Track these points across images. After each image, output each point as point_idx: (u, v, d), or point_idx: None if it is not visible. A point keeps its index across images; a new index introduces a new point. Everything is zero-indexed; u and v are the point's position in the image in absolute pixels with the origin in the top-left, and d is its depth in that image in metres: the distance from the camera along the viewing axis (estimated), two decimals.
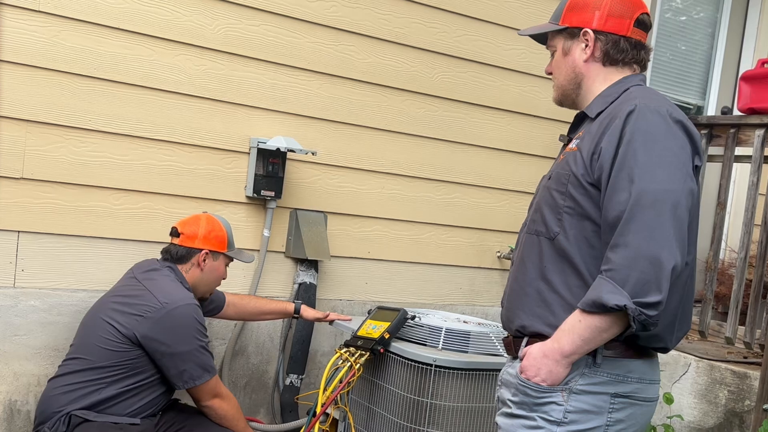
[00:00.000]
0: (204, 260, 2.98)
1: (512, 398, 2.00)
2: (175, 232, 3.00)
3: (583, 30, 2.06)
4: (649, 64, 4.91)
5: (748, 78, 3.94)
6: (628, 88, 2.03)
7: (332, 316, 3.32)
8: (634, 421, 1.97)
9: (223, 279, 3.10)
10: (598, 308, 1.83)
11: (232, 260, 3.12)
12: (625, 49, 2.06)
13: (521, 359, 1.99)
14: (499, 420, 2.05)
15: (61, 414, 2.73)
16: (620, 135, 1.89)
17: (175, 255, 2.98)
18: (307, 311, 3.33)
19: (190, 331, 2.79)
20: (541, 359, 1.92)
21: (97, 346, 2.79)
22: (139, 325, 2.75)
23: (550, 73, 2.17)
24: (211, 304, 3.20)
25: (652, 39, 4.85)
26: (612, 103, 2.01)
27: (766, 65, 3.91)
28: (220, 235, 3.02)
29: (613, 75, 2.08)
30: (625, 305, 1.79)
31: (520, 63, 4.14)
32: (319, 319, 3.33)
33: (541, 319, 1.98)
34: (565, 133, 2.21)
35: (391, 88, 3.82)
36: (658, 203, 1.82)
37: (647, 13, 2.09)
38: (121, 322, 2.77)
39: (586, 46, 2.06)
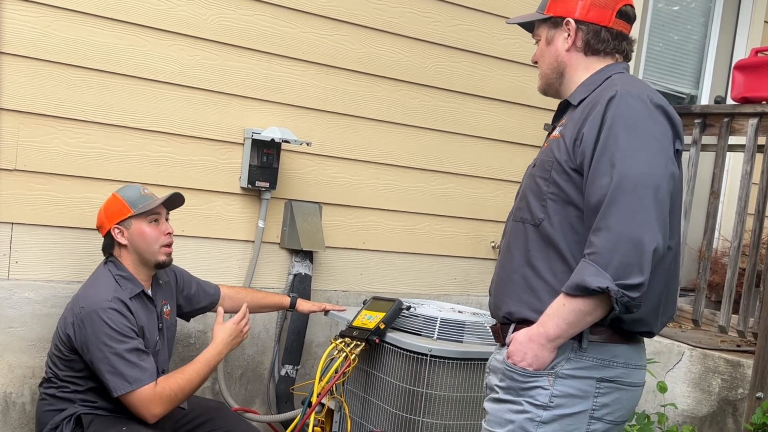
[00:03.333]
0: (121, 235, 2.80)
1: (499, 384, 2.02)
2: (97, 229, 2.90)
3: (566, 19, 2.09)
4: (642, 55, 4.91)
5: (741, 67, 3.94)
6: (610, 76, 2.06)
7: (327, 307, 3.32)
8: (619, 405, 2.00)
9: (167, 235, 2.84)
10: (581, 291, 1.85)
11: (153, 216, 2.83)
12: (606, 39, 2.09)
13: (508, 345, 2.01)
14: (487, 405, 2.07)
15: (54, 423, 2.74)
16: (602, 120, 1.92)
17: (104, 248, 2.87)
18: (302, 305, 3.31)
19: (100, 336, 2.63)
20: (526, 344, 1.95)
21: (54, 353, 2.79)
22: (68, 333, 2.71)
23: (536, 62, 2.20)
24: (207, 299, 3.17)
25: (646, 29, 4.85)
26: (594, 90, 2.04)
27: (759, 54, 3.91)
28: (117, 204, 2.83)
29: (595, 64, 2.11)
30: (607, 287, 1.82)
31: (515, 53, 4.14)
32: (314, 312, 3.33)
33: (528, 305, 2.01)
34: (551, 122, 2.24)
35: (385, 79, 3.81)
36: (639, 187, 1.85)
37: (631, 5, 2.13)
38: (61, 327, 2.76)
39: (568, 35, 2.10)
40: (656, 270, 1.86)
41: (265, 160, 3.48)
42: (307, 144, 3.52)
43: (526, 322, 1.99)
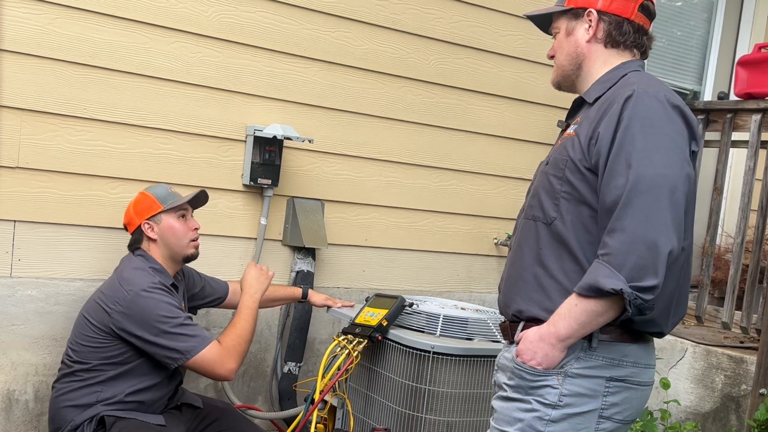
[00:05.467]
0: (151, 230, 2.89)
1: (508, 382, 2.02)
2: (124, 226, 2.98)
3: (588, 10, 2.08)
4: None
5: (744, 63, 3.94)
6: (626, 74, 2.05)
7: (339, 302, 3.34)
8: (629, 404, 1.99)
9: (194, 230, 2.96)
10: (594, 292, 1.84)
11: (181, 211, 2.94)
12: (628, 32, 2.08)
13: (517, 343, 2.00)
14: (495, 403, 2.06)
15: (75, 424, 2.75)
16: (618, 120, 1.90)
17: (132, 243, 2.93)
18: (314, 296, 3.36)
19: (158, 311, 2.72)
20: (537, 343, 1.94)
21: (80, 344, 2.79)
22: (113, 319, 2.74)
23: (552, 57, 2.18)
24: (213, 294, 3.19)
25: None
26: (610, 88, 2.02)
27: (763, 50, 3.90)
28: (147, 200, 2.92)
29: (614, 58, 2.09)
30: (621, 289, 1.80)
31: (517, 49, 4.13)
32: (326, 305, 3.34)
33: (538, 303, 1.99)
34: (562, 119, 2.22)
35: (388, 75, 3.81)
36: (655, 188, 1.83)
37: (652, 2, 2.11)
38: (96, 317, 2.77)
39: (589, 26, 2.08)
40: (669, 271, 1.84)
41: (268, 157, 3.47)
42: (309, 141, 3.51)
43: (536, 321, 1.98)
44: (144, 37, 3.20)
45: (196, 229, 2.98)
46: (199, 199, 3.03)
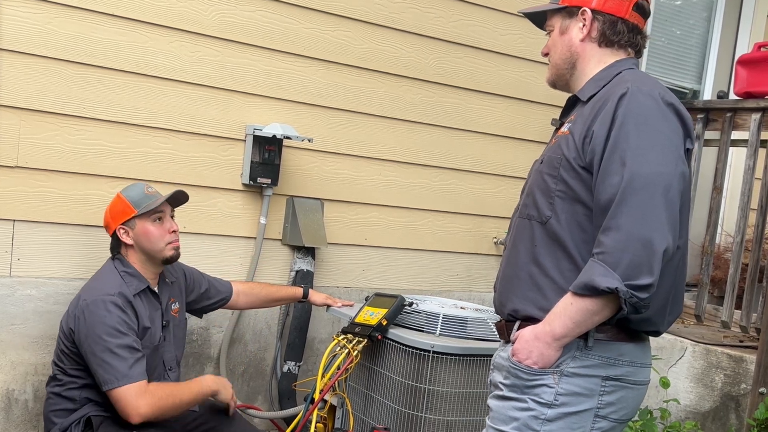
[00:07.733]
0: (126, 235, 2.80)
1: (504, 381, 2.02)
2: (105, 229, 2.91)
3: (582, 9, 2.07)
4: (645, 50, 4.93)
5: (744, 62, 3.94)
6: (620, 72, 2.04)
7: (339, 301, 3.33)
8: (625, 404, 1.99)
9: (172, 233, 2.82)
10: (589, 291, 1.84)
11: (157, 214, 2.81)
12: (622, 31, 2.07)
13: (513, 343, 2.00)
14: (491, 402, 2.06)
15: (63, 426, 2.73)
16: (612, 118, 1.90)
17: (111, 248, 2.87)
18: (315, 296, 3.34)
19: (96, 329, 2.63)
20: (532, 342, 1.94)
21: (59, 349, 2.78)
22: (71, 327, 2.71)
23: (546, 54, 2.18)
24: (217, 295, 3.17)
25: (648, 24, 4.84)
26: (604, 86, 2.02)
27: (762, 49, 3.90)
28: (121, 204, 2.82)
29: (608, 57, 2.08)
30: (616, 288, 1.80)
31: (517, 48, 4.13)
32: (326, 304, 3.33)
33: (533, 302, 1.99)
34: (557, 118, 2.22)
35: (387, 74, 3.80)
36: (650, 186, 1.83)
37: (647, 0, 2.11)
38: (63, 324, 2.76)
39: (583, 25, 2.08)
40: (665, 269, 1.85)
41: (267, 156, 3.47)
42: (309, 140, 3.51)
43: (531, 320, 1.98)
44: (143, 37, 3.20)
45: (174, 231, 2.85)
46: (178, 198, 2.90)
